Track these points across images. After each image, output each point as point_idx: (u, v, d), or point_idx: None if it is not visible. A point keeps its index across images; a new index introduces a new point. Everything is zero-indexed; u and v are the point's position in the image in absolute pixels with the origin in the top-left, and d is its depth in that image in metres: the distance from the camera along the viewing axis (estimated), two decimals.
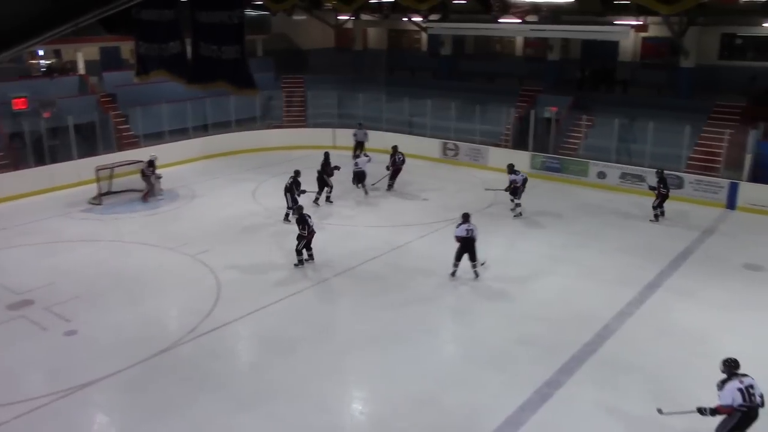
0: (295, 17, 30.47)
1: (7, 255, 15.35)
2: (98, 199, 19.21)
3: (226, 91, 9.49)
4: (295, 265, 14.48)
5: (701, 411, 7.97)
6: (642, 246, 16.06)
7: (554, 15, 24.53)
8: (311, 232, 14.42)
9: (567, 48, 28.65)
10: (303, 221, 14.27)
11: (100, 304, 12.73)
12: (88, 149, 21.71)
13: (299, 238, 14.41)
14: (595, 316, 12.28)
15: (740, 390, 7.74)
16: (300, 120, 27.64)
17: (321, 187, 18.87)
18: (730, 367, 8.00)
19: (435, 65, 30.60)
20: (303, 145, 25.57)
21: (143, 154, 21.04)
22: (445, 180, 21.48)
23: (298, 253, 14.46)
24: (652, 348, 11.19)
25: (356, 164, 20.10)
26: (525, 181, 18.05)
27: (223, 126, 25.85)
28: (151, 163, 19.70)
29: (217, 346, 11.24)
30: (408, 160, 20.17)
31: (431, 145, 24.99)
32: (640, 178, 20.32)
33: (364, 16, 31.45)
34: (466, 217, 13.84)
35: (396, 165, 20.48)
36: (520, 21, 24.91)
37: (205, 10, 8.96)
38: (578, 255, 15.49)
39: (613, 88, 26.30)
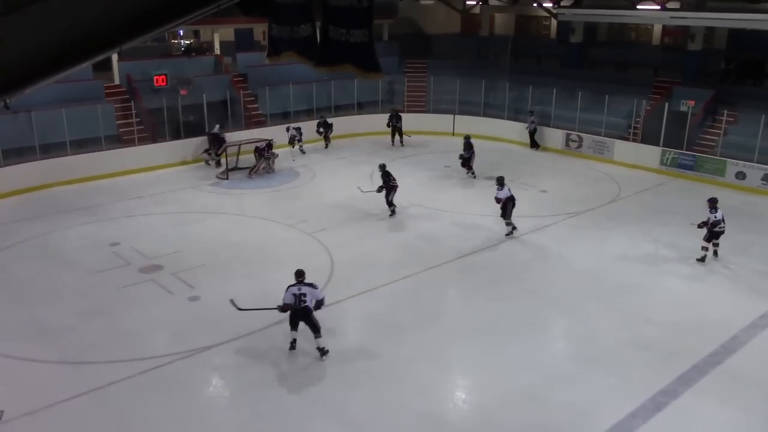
0: (423, 2, 30.41)
1: (143, 222, 16.54)
2: (225, 174, 20.25)
3: (351, 74, 9.64)
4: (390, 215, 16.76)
5: (279, 308, 10.43)
6: None
7: (699, 1, 22.91)
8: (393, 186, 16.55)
9: (711, 37, 26.68)
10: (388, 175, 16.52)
11: (222, 274, 13.45)
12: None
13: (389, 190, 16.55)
14: (721, 325, 11.46)
15: (294, 294, 10.43)
16: (421, 105, 27.66)
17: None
18: (299, 275, 10.74)
19: (563, 52, 29.49)
20: (423, 131, 25.56)
21: (269, 133, 22.01)
22: (565, 172, 20.74)
23: (390, 204, 16.75)
24: None
25: None
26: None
27: (346, 108, 26.40)
28: (269, 146, 20.63)
29: (327, 323, 11.51)
30: (528, 152, 19.33)
31: (553, 136, 24.23)
32: None
33: (492, 2, 30.85)
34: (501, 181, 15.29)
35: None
36: (660, 7, 23.51)
37: None
38: (706, 259, 14.48)
39: (762, 82, 24.23)
